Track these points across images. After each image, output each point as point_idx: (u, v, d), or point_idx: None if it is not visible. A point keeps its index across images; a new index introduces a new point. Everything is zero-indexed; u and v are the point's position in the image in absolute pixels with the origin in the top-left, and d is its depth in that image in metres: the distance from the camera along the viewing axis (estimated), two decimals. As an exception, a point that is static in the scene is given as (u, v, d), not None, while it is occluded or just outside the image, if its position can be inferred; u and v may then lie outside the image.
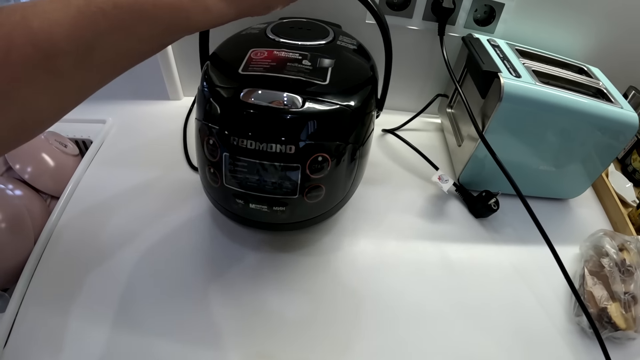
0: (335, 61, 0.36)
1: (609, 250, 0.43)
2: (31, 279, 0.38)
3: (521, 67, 0.47)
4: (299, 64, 0.35)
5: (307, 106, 0.32)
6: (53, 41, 0.19)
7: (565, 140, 0.46)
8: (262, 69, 0.34)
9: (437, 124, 0.63)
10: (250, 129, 0.32)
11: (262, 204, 0.35)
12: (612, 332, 0.39)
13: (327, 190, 0.36)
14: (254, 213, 0.37)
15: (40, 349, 0.34)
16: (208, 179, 0.37)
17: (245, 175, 0.34)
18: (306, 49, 0.37)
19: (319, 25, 0.42)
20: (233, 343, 0.36)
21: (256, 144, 0.32)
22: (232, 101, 0.32)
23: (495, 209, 0.47)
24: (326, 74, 0.34)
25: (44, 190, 0.45)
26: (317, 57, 0.36)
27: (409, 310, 0.40)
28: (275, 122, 0.32)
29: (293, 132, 0.32)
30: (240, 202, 0.36)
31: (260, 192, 0.34)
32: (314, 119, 0.32)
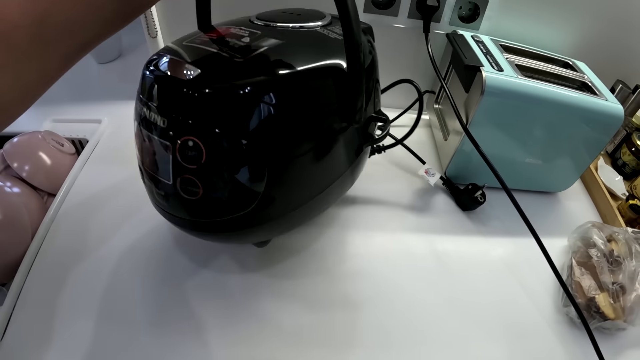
0: (284, 44, 0.30)
1: (596, 241, 0.44)
2: (28, 274, 0.39)
3: (504, 61, 0.47)
4: (237, 40, 0.30)
5: (197, 78, 0.27)
6: (5, 15, 0.19)
7: (551, 133, 0.47)
8: (200, 41, 0.30)
9: (424, 120, 0.64)
10: (143, 93, 0.29)
11: (151, 181, 0.31)
12: (601, 321, 0.39)
13: (204, 188, 0.29)
14: (147, 187, 0.33)
15: (37, 342, 0.35)
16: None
17: (140, 144, 0.31)
18: (267, 30, 0.32)
19: (318, 12, 0.37)
20: (228, 349, 0.35)
21: (144, 110, 0.29)
22: (146, 67, 0.29)
23: (482, 202, 0.48)
24: (252, 53, 0.29)
25: (41, 187, 0.46)
26: (263, 37, 0.31)
27: (398, 301, 0.40)
28: (163, 89, 0.28)
29: (171, 103, 0.27)
30: (142, 175, 0.33)
31: (148, 167, 0.31)
32: (196, 95, 0.27)
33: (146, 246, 0.42)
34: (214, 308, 0.38)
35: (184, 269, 0.41)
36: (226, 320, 0.37)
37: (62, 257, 0.41)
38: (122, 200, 0.46)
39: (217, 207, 0.30)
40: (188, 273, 0.40)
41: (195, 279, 0.40)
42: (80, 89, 0.65)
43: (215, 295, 0.39)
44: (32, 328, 0.35)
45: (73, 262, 0.40)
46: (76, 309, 0.37)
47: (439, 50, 0.56)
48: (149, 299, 0.38)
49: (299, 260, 0.43)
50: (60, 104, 0.59)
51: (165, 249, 0.42)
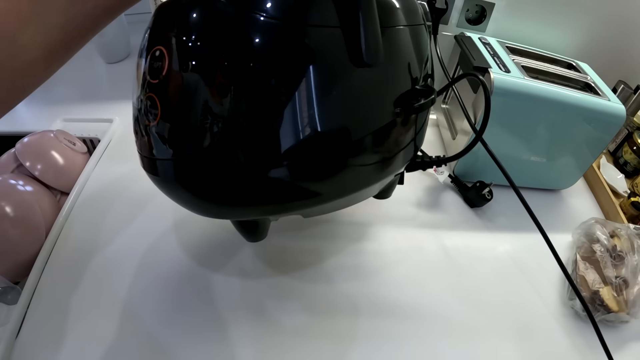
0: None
1: (600, 237, 0.45)
2: (42, 272, 0.39)
3: (511, 63, 0.48)
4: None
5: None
6: None
7: (555, 132, 0.48)
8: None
9: (432, 120, 0.65)
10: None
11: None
12: (605, 314, 0.40)
13: (164, 113, 0.23)
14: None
15: (51, 339, 0.35)
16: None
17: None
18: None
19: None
20: (231, 349, 0.36)
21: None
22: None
23: (489, 199, 0.49)
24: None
25: (53, 186, 0.46)
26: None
27: (406, 296, 0.41)
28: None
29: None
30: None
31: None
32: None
33: (159, 245, 0.43)
34: (228, 308, 0.38)
35: (196, 269, 0.41)
36: (238, 320, 0.38)
37: (75, 255, 0.41)
38: (135, 199, 0.47)
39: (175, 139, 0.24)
40: (200, 273, 0.41)
41: (207, 278, 0.40)
42: (90, 88, 0.65)
43: (226, 295, 0.39)
44: (47, 326, 0.36)
45: (87, 260, 0.41)
46: (90, 307, 0.37)
47: (446, 51, 0.57)
48: (161, 298, 0.38)
49: (307, 256, 0.43)
50: (70, 104, 0.59)
51: (178, 248, 0.43)
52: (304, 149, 0.24)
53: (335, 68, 0.23)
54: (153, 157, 0.25)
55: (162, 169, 0.25)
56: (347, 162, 0.26)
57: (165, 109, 0.23)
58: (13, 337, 0.35)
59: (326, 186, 0.26)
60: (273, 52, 0.22)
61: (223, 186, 0.25)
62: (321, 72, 0.23)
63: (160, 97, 0.23)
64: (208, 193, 0.26)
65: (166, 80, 0.22)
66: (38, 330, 0.36)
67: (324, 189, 0.26)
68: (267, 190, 0.25)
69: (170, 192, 0.27)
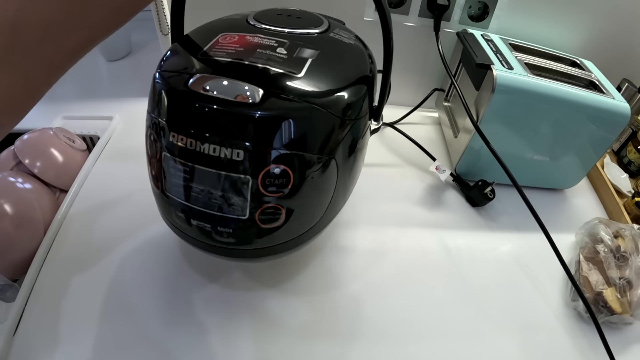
0: (320, 53, 0.29)
1: (603, 237, 0.44)
2: (40, 270, 0.39)
3: (514, 60, 0.48)
4: (272, 51, 0.28)
5: (268, 102, 0.25)
6: None
7: (559, 130, 0.47)
8: (224, 54, 0.27)
9: (434, 118, 0.64)
10: (192, 125, 0.25)
11: (205, 222, 0.28)
12: (608, 316, 0.39)
13: (289, 215, 0.28)
14: (197, 231, 0.29)
15: (48, 337, 0.35)
16: (151, 182, 0.31)
17: (186, 182, 0.27)
18: (287, 37, 0.30)
19: (313, 15, 0.35)
20: (232, 350, 0.35)
21: (198, 144, 0.25)
22: (175, 89, 0.26)
23: (491, 198, 0.48)
24: (303, 65, 0.27)
25: (52, 183, 0.46)
26: (298, 47, 0.29)
27: (407, 296, 0.41)
28: (222, 119, 0.25)
29: (245, 134, 0.25)
30: (182, 216, 0.29)
31: (201, 206, 0.28)
32: (274, 119, 0.25)
33: (158, 244, 0.42)
34: (222, 309, 0.38)
35: (194, 270, 0.41)
36: (232, 320, 0.37)
37: (74, 253, 0.41)
38: (134, 197, 0.46)
39: (299, 228, 0.31)
40: (198, 272, 0.40)
41: (208, 277, 0.40)
42: (90, 86, 0.65)
43: (223, 296, 0.39)
44: (45, 323, 0.35)
45: (85, 258, 0.40)
46: (88, 305, 0.37)
47: (448, 48, 0.57)
48: (160, 296, 0.38)
49: (308, 256, 0.43)
50: (70, 101, 0.59)
51: (178, 246, 0.42)
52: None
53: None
54: (236, 249, 0.30)
55: (241, 254, 0.32)
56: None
57: (289, 217, 0.29)
58: (11, 334, 0.35)
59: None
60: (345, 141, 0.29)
61: (292, 249, 0.33)
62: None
63: (287, 207, 0.28)
64: (272, 257, 0.35)
65: (294, 194, 0.27)
66: (36, 327, 0.35)
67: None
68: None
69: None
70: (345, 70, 0.30)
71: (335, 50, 0.31)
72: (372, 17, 0.54)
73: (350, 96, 0.28)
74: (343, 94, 0.28)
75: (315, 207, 0.30)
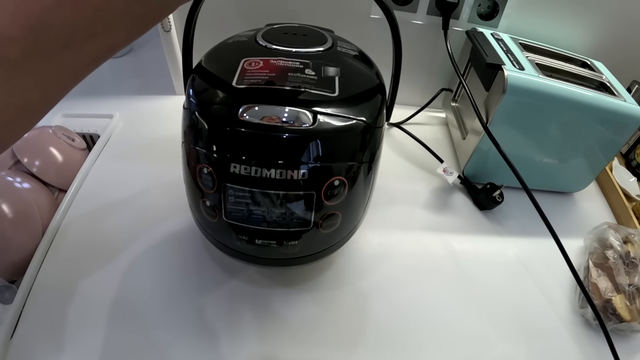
0: (340, 69, 0.32)
1: (613, 243, 0.44)
2: (38, 272, 0.39)
3: (525, 60, 0.47)
4: (301, 73, 0.30)
5: (319, 123, 0.27)
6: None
7: (569, 133, 0.46)
8: (260, 80, 0.29)
9: (441, 118, 0.63)
10: (255, 154, 0.27)
11: (271, 240, 0.31)
12: (617, 323, 0.39)
13: (344, 217, 0.32)
14: (261, 249, 0.32)
15: (46, 340, 0.34)
16: (203, 212, 0.32)
17: (249, 207, 0.29)
18: (306, 57, 0.32)
19: (314, 30, 0.38)
20: (237, 346, 0.35)
21: (263, 171, 0.27)
22: (229, 121, 0.27)
23: (500, 201, 0.47)
24: (334, 84, 0.30)
25: (51, 183, 0.45)
26: (321, 66, 0.31)
27: (413, 301, 0.40)
28: (284, 144, 0.27)
29: (306, 155, 0.27)
30: (244, 238, 0.31)
31: (268, 226, 0.30)
32: (328, 138, 0.27)
33: (159, 243, 0.42)
34: (226, 309, 0.37)
35: (198, 266, 0.40)
36: (237, 318, 0.37)
37: (73, 254, 0.40)
38: (135, 197, 0.46)
39: (349, 226, 0.35)
40: (199, 272, 0.40)
41: (209, 276, 0.39)
42: (91, 83, 0.62)
43: (224, 295, 0.38)
44: (43, 326, 0.35)
45: (85, 259, 0.40)
46: (88, 308, 0.36)
47: (456, 47, 0.55)
48: (161, 296, 0.38)
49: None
50: (70, 99, 0.57)
51: (179, 245, 0.42)
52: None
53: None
54: (302, 256, 0.34)
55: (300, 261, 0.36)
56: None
57: (344, 218, 0.32)
58: (8, 337, 0.34)
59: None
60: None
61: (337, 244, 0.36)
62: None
63: (342, 211, 0.31)
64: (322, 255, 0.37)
65: (347, 199, 0.31)
66: (34, 330, 0.35)
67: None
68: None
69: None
70: (365, 81, 0.33)
71: (349, 65, 0.34)
72: (379, 14, 0.53)
73: (377, 105, 0.31)
74: (374, 105, 0.31)
75: (360, 207, 0.34)
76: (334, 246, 0.35)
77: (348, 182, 0.30)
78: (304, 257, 0.34)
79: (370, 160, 0.31)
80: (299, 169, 0.27)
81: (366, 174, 0.32)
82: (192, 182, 0.31)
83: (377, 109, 0.30)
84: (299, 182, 0.28)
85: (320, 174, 0.28)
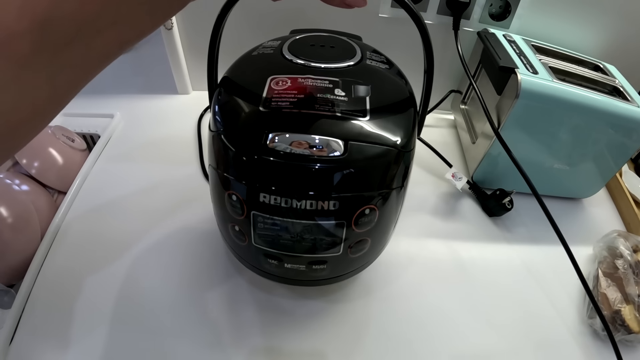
0: (370, 87, 0.30)
1: (623, 252, 0.43)
2: (37, 275, 0.38)
3: (538, 63, 0.45)
4: (330, 94, 0.29)
5: (351, 151, 0.26)
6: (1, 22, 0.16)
7: (580, 138, 0.45)
8: (287, 103, 0.28)
9: (450, 121, 0.62)
10: (285, 185, 0.26)
11: (300, 264, 0.31)
12: (625, 335, 0.38)
13: (373, 241, 0.32)
14: (290, 272, 0.32)
15: (46, 345, 0.34)
16: (232, 236, 0.32)
17: (279, 233, 0.29)
18: (334, 74, 0.31)
19: (342, 40, 0.36)
20: (240, 339, 0.35)
21: (293, 202, 0.27)
22: (257, 149, 0.26)
23: (510, 208, 0.46)
24: (365, 105, 0.29)
25: (50, 185, 0.44)
26: (350, 84, 0.30)
27: (419, 307, 0.39)
28: (315, 176, 0.26)
29: (337, 185, 0.27)
30: (274, 262, 0.31)
31: (297, 252, 0.30)
32: (360, 167, 0.27)
33: (160, 245, 0.41)
34: (229, 302, 0.37)
35: (200, 270, 0.40)
36: (241, 311, 0.37)
37: (72, 258, 0.40)
38: (136, 199, 0.45)
39: (378, 250, 0.35)
40: (201, 272, 0.39)
41: (208, 279, 0.39)
42: (91, 82, 0.62)
43: (227, 291, 0.38)
44: (42, 331, 0.35)
45: (84, 263, 0.39)
46: (87, 312, 0.36)
47: (467, 48, 0.54)
48: (162, 298, 0.37)
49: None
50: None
51: (180, 246, 0.41)
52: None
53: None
54: (329, 278, 0.34)
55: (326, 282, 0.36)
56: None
57: (373, 243, 0.32)
58: (7, 342, 0.33)
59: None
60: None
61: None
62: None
63: (372, 237, 0.31)
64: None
65: (378, 225, 0.30)
66: (33, 335, 0.34)
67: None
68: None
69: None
70: (397, 100, 0.31)
71: (380, 80, 0.32)
72: (388, 13, 0.51)
73: (410, 127, 0.30)
74: (406, 127, 0.29)
75: (389, 230, 0.34)
76: (361, 267, 0.35)
77: (379, 208, 0.29)
78: (331, 278, 0.34)
79: (401, 185, 0.30)
80: (330, 199, 0.27)
81: (397, 197, 0.31)
82: (221, 206, 0.31)
83: (410, 132, 0.29)
84: (330, 212, 0.27)
85: (351, 203, 0.27)
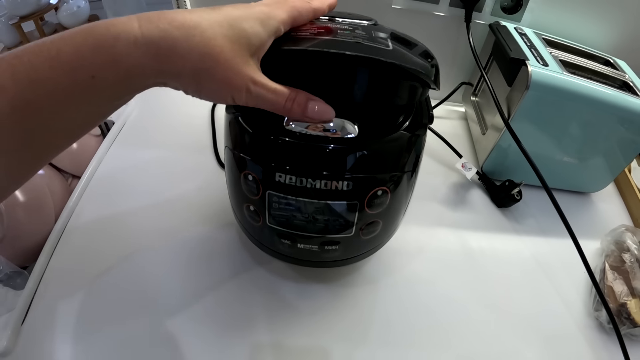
0: (391, 33, 0.29)
1: (630, 246, 0.43)
2: (51, 257, 0.38)
3: (548, 56, 0.46)
4: (352, 36, 0.27)
5: (365, 133, 0.27)
6: None
7: (590, 132, 0.45)
8: (308, 35, 0.26)
9: (460, 112, 0.62)
10: (300, 165, 0.27)
11: (312, 244, 0.31)
12: (630, 328, 0.38)
13: (384, 223, 0.32)
14: (303, 252, 0.33)
15: (57, 326, 0.34)
16: (247, 216, 0.32)
17: (293, 213, 0.29)
18: (350, 25, 0.30)
19: (357, 14, 0.34)
20: (244, 333, 0.35)
21: (308, 181, 0.27)
22: (274, 130, 0.27)
23: (518, 199, 0.47)
24: (387, 43, 0.27)
25: (65, 169, 0.45)
26: (371, 30, 0.29)
27: (428, 297, 0.40)
28: (329, 156, 0.27)
29: (351, 167, 0.27)
30: (287, 242, 0.32)
31: (310, 232, 0.30)
32: (374, 149, 0.27)
33: (173, 230, 0.41)
34: (237, 296, 0.37)
35: (211, 257, 0.40)
36: (248, 306, 0.37)
37: (86, 241, 0.40)
38: (149, 184, 0.45)
39: (390, 233, 0.35)
40: (212, 260, 0.39)
41: (220, 266, 0.39)
42: None
43: (236, 284, 0.38)
44: (54, 312, 0.35)
45: (96, 245, 0.40)
46: (99, 293, 0.36)
47: (478, 41, 0.54)
48: (173, 281, 0.37)
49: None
50: None
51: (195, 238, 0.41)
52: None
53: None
54: (341, 260, 0.35)
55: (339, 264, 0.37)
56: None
57: (384, 225, 0.33)
58: (19, 323, 0.34)
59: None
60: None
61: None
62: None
63: (383, 219, 0.31)
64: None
65: (389, 207, 0.30)
66: (45, 316, 0.35)
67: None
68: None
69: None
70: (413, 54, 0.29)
71: (397, 36, 0.30)
72: (401, 4, 0.52)
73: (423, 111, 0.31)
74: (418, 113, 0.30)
75: (400, 212, 0.34)
76: (373, 249, 0.36)
77: (391, 190, 0.30)
78: (343, 260, 0.35)
79: (413, 168, 0.31)
80: (344, 180, 0.27)
81: (408, 181, 0.31)
82: (236, 187, 0.31)
83: (425, 122, 0.30)
84: (343, 192, 0.28)
85: (364, 184, 0.28)
